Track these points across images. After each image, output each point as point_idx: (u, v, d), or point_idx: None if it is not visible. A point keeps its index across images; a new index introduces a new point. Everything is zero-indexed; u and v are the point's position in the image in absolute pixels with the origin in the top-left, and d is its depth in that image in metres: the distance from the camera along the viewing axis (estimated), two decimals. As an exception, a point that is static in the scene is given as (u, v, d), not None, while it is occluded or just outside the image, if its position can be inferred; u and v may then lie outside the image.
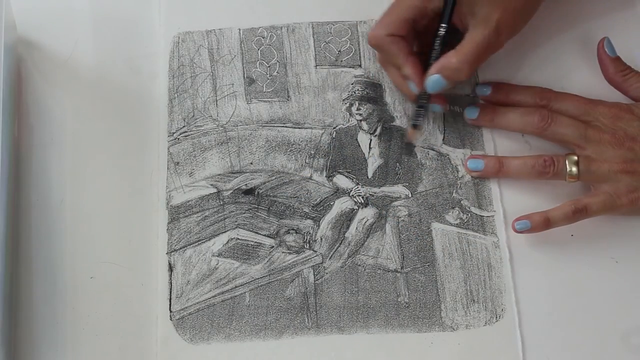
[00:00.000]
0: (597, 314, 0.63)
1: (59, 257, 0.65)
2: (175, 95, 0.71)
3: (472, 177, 0.67)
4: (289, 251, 0.65)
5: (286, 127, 0.70)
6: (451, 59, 0.63)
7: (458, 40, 0.64)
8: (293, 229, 0.66)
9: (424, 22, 0.66)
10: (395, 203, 0.67)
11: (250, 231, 0.66)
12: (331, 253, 0.65)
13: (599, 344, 0.62)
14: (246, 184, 0.68)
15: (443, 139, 0.69)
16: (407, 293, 0.64)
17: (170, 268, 0.65)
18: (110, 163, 0.68)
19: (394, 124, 0.70)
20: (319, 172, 0.68)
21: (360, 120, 0.70)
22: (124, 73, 0.71)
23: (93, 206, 0.66)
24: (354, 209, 0.67)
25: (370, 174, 0.68)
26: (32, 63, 0.72)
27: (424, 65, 0.65)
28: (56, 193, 0.67)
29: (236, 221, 0.66)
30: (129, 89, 0.71)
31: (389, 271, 0.65)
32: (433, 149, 0.69)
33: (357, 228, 0.66)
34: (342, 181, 0.68)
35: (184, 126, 0.70)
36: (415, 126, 0.66)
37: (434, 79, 0.64)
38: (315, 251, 0.65)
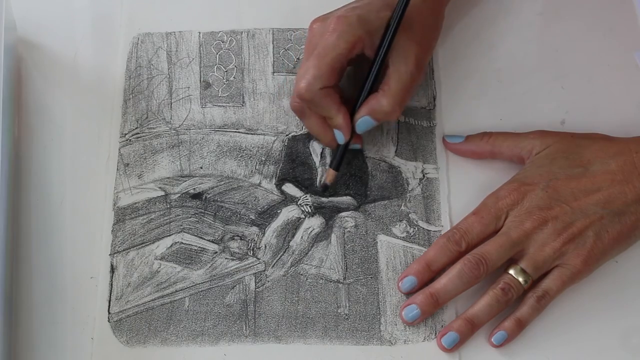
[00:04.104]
0: (597, 314, 0.63)
1: (59, 257, 0.65)
2: (130, 96, 0.71)
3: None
4: (232, 257, 0.65)
5: (239, 132, 0.70)
6: (381, 101, 0.62)
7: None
8: (238, 236, 0.66)
9: (347, 66, 0.65)
10: (343, 214, 0.66)
11: (195, 236, 0.66)
12: (274, 261, 0.65)
13: (598, 344, 0.62)
14: (194, 188, 0.67)
15: (395, 151, 0.69)
16: (347, 304, 0.63)
17: (112, 269, 0.64)
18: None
19: (347, 133, 0.69)
20: (268, 179, 0.68)
21: (314, 129, 0.69)
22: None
23: (93, 206, 0.67)
24: (300, 218, 0.66)
25: (319, 183, 0.68)
26: (32, 63, 0.72)
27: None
28: (56, 193, 0.67)
29: (181, 225, 0.66)
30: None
31: (331, 281, 0.64)
32: (385, 161, 0.68)
33: (302, 237, 0.66)
34: (290, 189, 0.67)
35: (136, 127, 0.69)
36: (337, 169, 0.65)
37: (364, 121, 0.63)
38: (259, 259, 0.65)
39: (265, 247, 0.65)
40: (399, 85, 0.62)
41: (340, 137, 0.65)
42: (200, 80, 0.72)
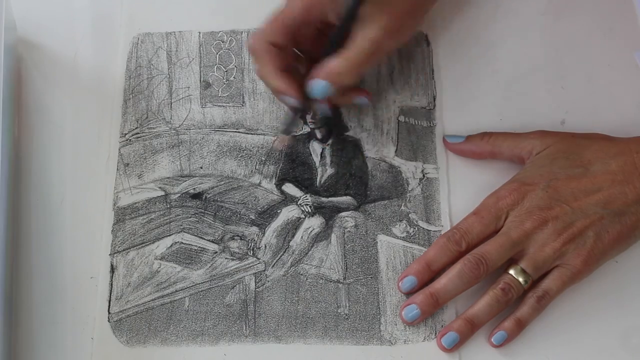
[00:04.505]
0: (597, 314, 0.63)
1: (59, 257, 0.65)
2: (130, 96, 0.71)
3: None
4: (232, 257, 0.65)
5: (238, 132, 0.70)
6: (335, 63, 0.61)
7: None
8: (238, 236, 0.66)
9: (307, 33, 0.64)
10: (343, 214, 0.66)
11: (195, 236, 0.66)
12: (274, 261, 0.65)
13: (598, 344, 0.62)
14: (194, 188, 0.67)
15: (395, 151, 0.69)
16: (347, 304, 0.63)
17: (112, 269, 0.64)
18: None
19: (347, 133, 0.69)
20: (268, 179, 0.68)
21: (314, 129, 0.69)
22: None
23: (93, 206, 0.67)
24: (300, 218, 0.66)
25: (319, 183, 0.68)
26: (32, 63, 0.72)
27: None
28: (56, 193, 0.67)
29: (181, 225, 0.66)
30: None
31: (331, 281, 0.64)
32: (385, 161, 0.68)
33: (302, 237, 0.66)
34: (291, 189, 0.67)
35: (136, 127, 0.69)
36: (287, 133, 0.65)
37: (318, 84, 0.61)
38: (259, 258, 0.65)
39: (265, 247, 0.65)
40: (356, 50, 0.61)
41: (292, 101, 0.63)
42: (200, 80, 0.72)
